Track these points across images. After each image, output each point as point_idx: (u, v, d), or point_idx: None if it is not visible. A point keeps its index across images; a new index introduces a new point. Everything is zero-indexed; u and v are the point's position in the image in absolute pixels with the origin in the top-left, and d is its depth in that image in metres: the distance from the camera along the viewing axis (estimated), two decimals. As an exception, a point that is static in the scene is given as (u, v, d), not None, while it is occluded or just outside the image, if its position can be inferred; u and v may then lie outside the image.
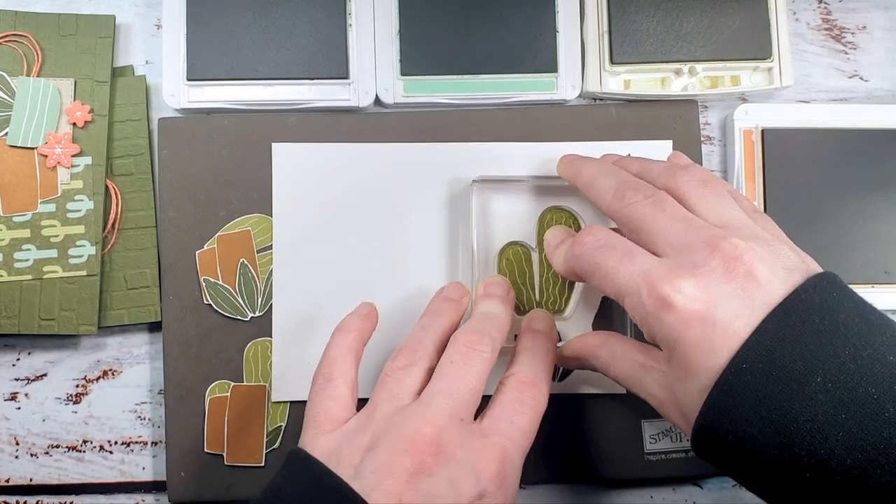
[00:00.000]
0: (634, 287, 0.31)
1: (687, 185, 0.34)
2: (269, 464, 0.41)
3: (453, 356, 0.34)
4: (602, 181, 0.36)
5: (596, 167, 0.38)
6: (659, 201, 0.33)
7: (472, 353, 0.34)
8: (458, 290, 0.39)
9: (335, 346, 0.35)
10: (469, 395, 0.33)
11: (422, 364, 0.34)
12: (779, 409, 0.27)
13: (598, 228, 0.34)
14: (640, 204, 0.33)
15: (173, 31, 0.43)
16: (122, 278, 0.42)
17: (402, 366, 0.34)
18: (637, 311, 0.31)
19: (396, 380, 0.34)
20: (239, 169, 0.43)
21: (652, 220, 0.33)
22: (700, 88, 0.44)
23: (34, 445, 0.42)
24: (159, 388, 0.43)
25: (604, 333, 0.37)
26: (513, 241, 0.41)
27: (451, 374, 0.33)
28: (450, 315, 0.37)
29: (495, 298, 0.38)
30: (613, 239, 0.33)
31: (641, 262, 0.31)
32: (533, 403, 0.33)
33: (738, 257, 0.30)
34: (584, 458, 0.42)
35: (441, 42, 0.43)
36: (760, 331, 0.28)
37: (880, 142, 0.44)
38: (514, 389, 0.34)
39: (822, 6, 0.47)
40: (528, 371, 0.35)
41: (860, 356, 0.27)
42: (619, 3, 0.44)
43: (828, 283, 0.29)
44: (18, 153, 0.42)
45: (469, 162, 0.43)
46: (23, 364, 0.43)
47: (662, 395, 0.32)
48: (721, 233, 0.31)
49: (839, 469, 0.26)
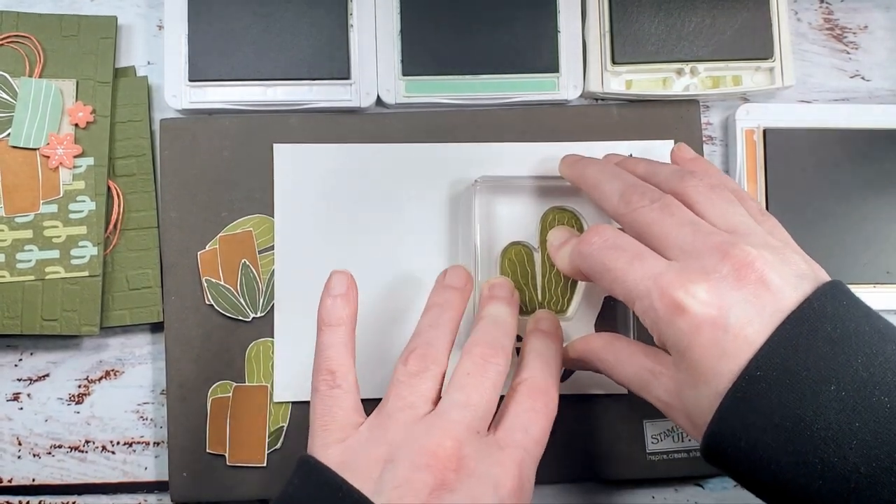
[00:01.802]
0: (645, 290, 0.31)
1: (694, 190, 0.34)
2: (271, 464, 0.41)
3: (469, 368, 0.33)
4: (607, 184, 0.36)
5: (600, 169, 0.37)
6: (666, 206, 0.33)
7: (488, 365, 0.33)
8: (461, 276, 0.37)
9: (330, 346, 0.34)
10: (486, 407, 0.32)
11: (434, 369, 0.33)
12: (793, 417, 0.27)
13: (606, 228, 0.34)
14: (648, 209, 0.33)
15: (175, 32, 0.43)
16: (124, 279, 0.42)
17: (414, 371, 0.33)
18: (647, 315, 0.31)
19: (409, 386, 0.33)
20: (240, 169, 0.43)
21: (660, 225, 0.32)
22: (702, 88, 0.44)
23: (36, 446, 0.42)
24: (161, 388, 0.43)
25: (607, 335, 0.36)
26: (515, 241, 0.41)
27: (468, 386, 0.33)
28: (455, 307, 0.36)
29: (501, 301, 0.37)
30: (622, 240, 0.33)
31: (651, 265, 0.31)
32: (546, 411, 0.33)
33: (749, 264, 0.29)
34: (585, 458, 0.42)
35: (443, 42, 0.43)
36: (774, 338, 0.28)
37: (882, 142, 0.44)
38: (528, 397, 0.33)
39: (824, 6, 0.47)
40: (540, 377, 0.34)
41: (872, 364, 0.27)
42: (621, 3, 0.44)
43: (837, 292, 0.29)
44: (20, 154, 0.42)
45: (471, 162, 0.43)
46: (25, 364, 0.43)
47: (670, 400, 0.32)
48: (731, 239, 0.31)
49: (853, 477, 0.26)
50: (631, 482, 0.43)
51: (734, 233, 0.31)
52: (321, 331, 0.35)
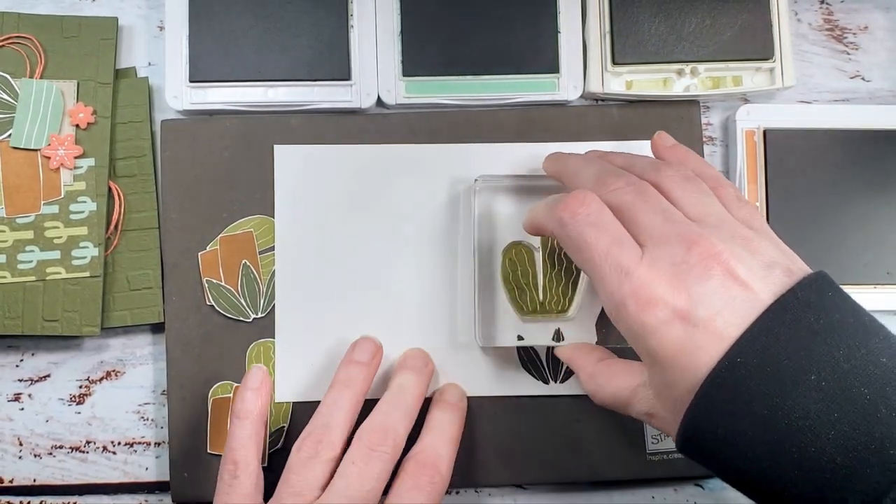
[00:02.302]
0: (616, 283, 0.31)
1: (669, 180, 0.34)
2: (272, 464, 0.41)
3: (355, 457, 0.36)
4: (584, 171, 0.36)
5: (580, 159, 0.38)
6: (641, 191, 0.33)
7: (373, 455, 0.36)
8: (369, 350, 0.40)
9: (236, 438, 0.37)
10: (369, 496, 0.35)
11: (325, 455, 0.36)
12: (771, 406, 0.27)
13: (591, 198, 0.33)
14: (623, 191, 0.33)
15: (175, 33, 0.43)
16: (124, 279, 0.42)
17: (305, 458, 0.36)
18: (618, 311, 0.31)
19: (299, 474, 0.36)
20: (241, 170, 0.43)
21: (633, 208, 0.32)
22: (702, 89, 0.44)
23: (38, 446, 0.43)
24: (162, 388, 0.43)
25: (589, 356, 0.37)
26: (516, 240, 0.41)
27: (351, 476, 0.35)
28: (359, 385, 0.38)
29: (411, 371, 0.40)
30: (605, 217, 0.32)
31: (627, 257, 0.31)
32: (430, 486, 0.36)
33: (715, 255, 0.30)
34: (585, 458, 0.42)
35: (443, 43, 0.43)
36: (755, 327, 0.28)
37: (882, 142, 0.44)
38: (414, 474, 0.36)
39: (824, 7, 0.47)
40: (432, 451, 0.37)
41: (854, 356, 0.27)
42: (621, 4, 0.44)
43: (823, 283, 0.29)
44: (21, 155, 0.42)
45: (471, 162, 0.43)
46: (26, 365, 0.43)
47: (651, 410, 0.33)
48: (698, 230, 0.31)
49: (829, 467, 0.26)
50: (631, 482, 0.43)
51: (703, 223, 0.31)
52: (231, 422, 0.38)
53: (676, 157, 0.38)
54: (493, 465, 0.42)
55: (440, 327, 0.42)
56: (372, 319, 0.42)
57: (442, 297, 0.42)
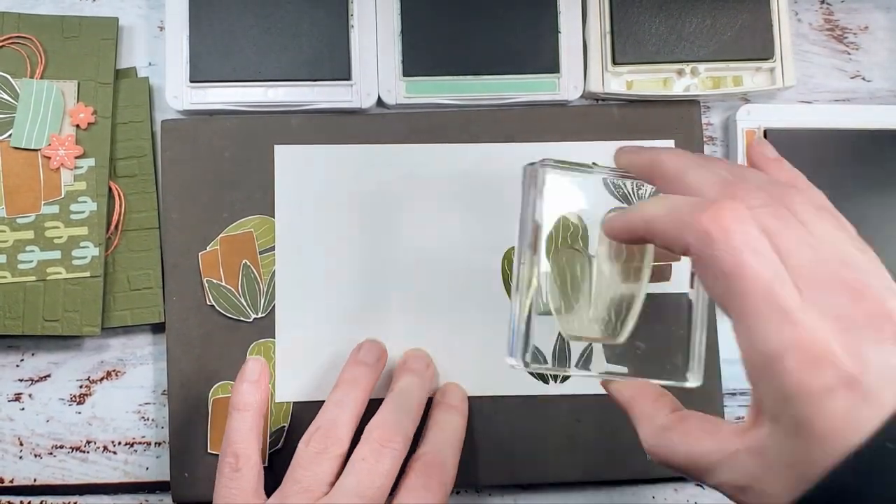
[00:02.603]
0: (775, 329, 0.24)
1: (802, 208, 0.27)
2: (272, 464, 0.41)
3: (365, 453, 0.35)
4: (697, 173, 0.29)
5: (681, 156, 0.31)
6: (781, 215, 0.27)
7: (384, 451, 0.35)
8: (374, 351, 0.40)
9: (236, 431, 0.37)
10: (378, 493, 0.34)
11: (334, 450, 0.35)
12: None
13: (747, 216, 0.26)
14: (766, 211, 0.27)
15: (176, 33, 0.43)
16: (125, 279, 0.42)
17: (314, 453, 0.35)
18: (769, 361, 0.25)
19: (308, 469, 0.35)
20: (241, 170, 0.43)
21: (779, 235, 0.26)
22: (702, 89, 0.44)
23: (38, 446, 0.43)
24: (162, 388, 0.43)
25: (660, 408, 0.30)
26: (570, 245, 0.34)
27: (361, 472, 0.35)
28: (364, 384, 0.38)
29: (413, 374, 0.39)
30: (762, 245, 0.26)
31: (791, 297, 0.25)
32: (437, 487, 0.35)
33: (887, 315, 0.25)
34: (585, 458, 0.42)
35: (443, 43, 0.43)
36: None
37: (882, 142, 0.44)
38: (422, 474, 0.36)
39: (824, 7, 0.47)
40: (437, 452, 0.37)
41: None
42: (622, 4, 0.44)
43: None
44: (22, 155, 0.42)
45: (471, 163, 0.43)
46: (27, 365, 0.43)
47: (746, 482, 0.26)
48: (858, 277, 0.26)
49: None
50: (631, 482, 0.43)
51: (853, 267, 0.26)
52: (230, 415, 0.37)
53: (782, 172, 0.32)
54: (494, 465, 0.42)
55: (440, 327, 0.42)
56: (372, 319, 0.42)
57: (442, 297, 0.42)
